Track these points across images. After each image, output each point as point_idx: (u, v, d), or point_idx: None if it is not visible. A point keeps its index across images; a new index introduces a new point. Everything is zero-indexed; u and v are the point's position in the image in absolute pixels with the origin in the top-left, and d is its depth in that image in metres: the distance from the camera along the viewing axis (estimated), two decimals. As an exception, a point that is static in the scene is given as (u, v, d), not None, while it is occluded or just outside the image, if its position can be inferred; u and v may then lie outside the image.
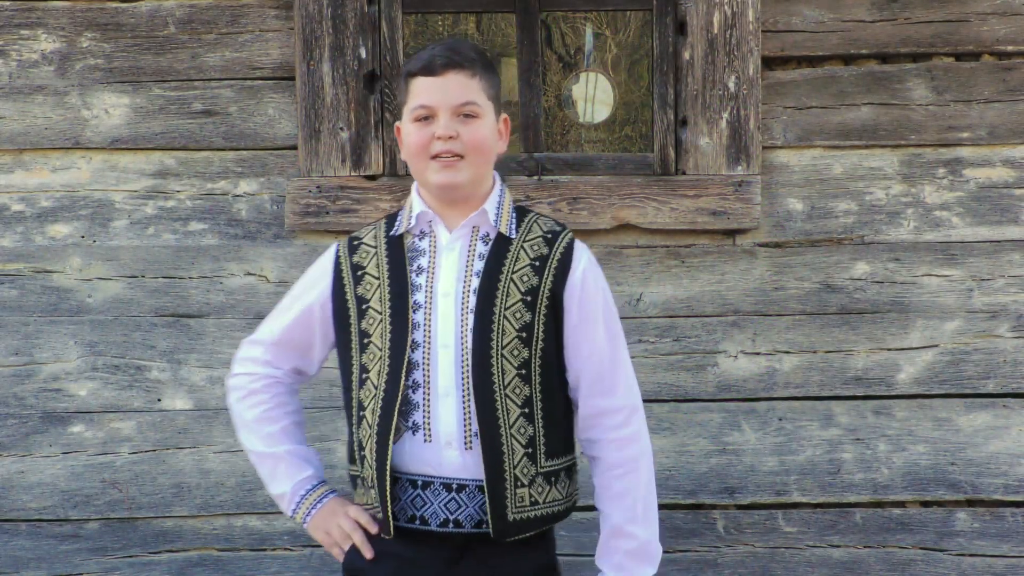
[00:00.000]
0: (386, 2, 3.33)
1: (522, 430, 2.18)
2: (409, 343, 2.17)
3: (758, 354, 3.36)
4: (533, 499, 2.20)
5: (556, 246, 2.24)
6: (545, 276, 2.21)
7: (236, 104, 3.36)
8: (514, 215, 2.27)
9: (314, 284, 2.32)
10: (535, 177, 3.35)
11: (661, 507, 3.37)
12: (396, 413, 2.16)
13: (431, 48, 2.22)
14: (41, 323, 3.38)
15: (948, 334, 3.36)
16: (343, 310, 2.26)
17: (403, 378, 2.17)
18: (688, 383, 3.36)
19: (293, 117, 3.34)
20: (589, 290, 2.24)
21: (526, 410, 2.19)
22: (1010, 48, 3.33)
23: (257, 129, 3.36)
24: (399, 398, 2.17)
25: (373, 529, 2.22)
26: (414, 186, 2.29)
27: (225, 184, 3.37)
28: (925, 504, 3.39)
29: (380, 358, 2.19)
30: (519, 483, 2.18)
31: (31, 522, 3.40)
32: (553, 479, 2.23)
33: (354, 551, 2.24)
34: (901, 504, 3.38)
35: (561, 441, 2.25)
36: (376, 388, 2.19)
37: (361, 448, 2.21)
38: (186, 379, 3.37)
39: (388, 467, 2.16)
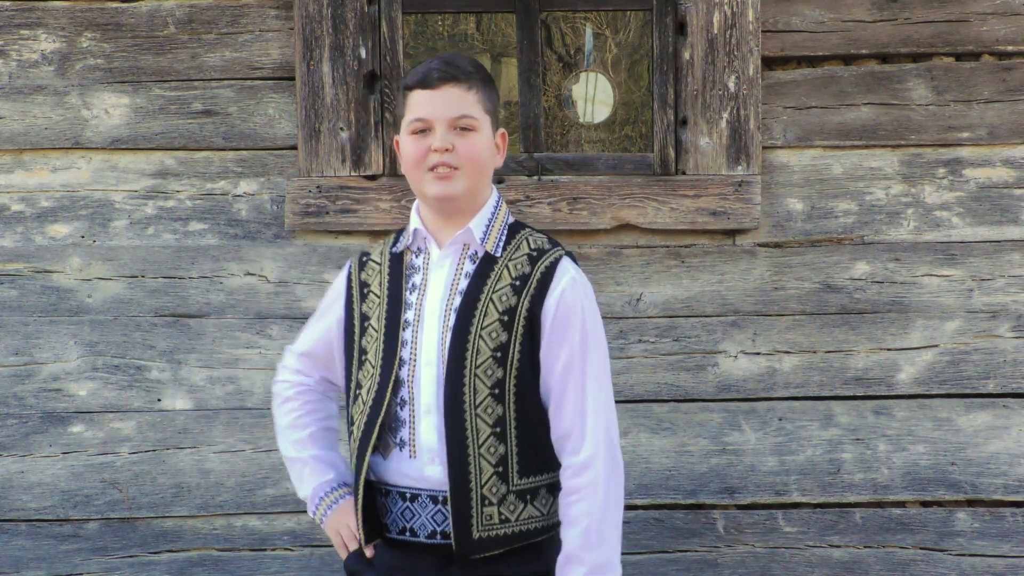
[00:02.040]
0: (386, 2, 3.33)
1: (492, 449, 2.19)
2: (397, 361, 2.22)
3: (758, 354, 3.36)
4: (504, 517, 2.20)
5: (538, 265, 2.22)
6: (523, 296, 2.20)
7: (236, 104, 3.36)
8: (505, 232, 2.27)
9: (333, 301, 2.38)
10: (535, 177, 3.35)
11: (661, 507, 3.38)
12: (376, 430, 2.22)
13: (429, 62, 2.24)
14: (41, 323, 3.38)
15: (948, 334, 3.36)
16: (351, 327, 2.32)
17: (388, 395, 2.22)
18: (688, 383, 3.36)
19: (293, 117, 3.34)
20: (565, 309, 2.20)
21: (497, 429, 2.19)
22: (1010, 48, 3.33)
23: (257, 129, 3.36)
24: (381, 415, 2.22)
25: (352, 545, 2.31)
26: (415, 202, 2.32)
27: (225, 184, 3.37)
28: (925, 504, 3.39)
29: (372, 375, 2.24)
30: (487, 501, 2.19)
31: (31, 522, 3.40)
32: (529, 497, 2.22)
33: (356, 553, 2.30)
34: (901, 504, 3.38)
35: (541, 460, 2.23)
36: (364, 404, 2.25)
37: (352, 458, 2.29)
38: (186, 379, 3.37)
39: (362, 481, 2.23)
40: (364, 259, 2.35)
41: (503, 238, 2.26)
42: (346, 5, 3.29)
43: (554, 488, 2.25)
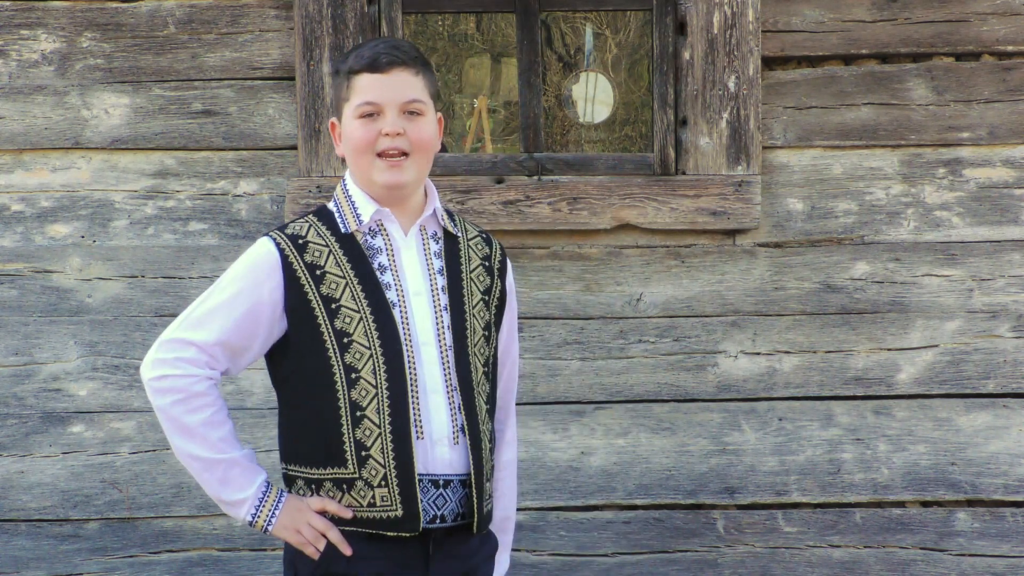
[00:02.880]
0: (386, 2, 3.33)
1: (487, 425, 2.25)
2: (402, 340, 2.18)
3: (758, 354, 3.36)
4: (490, 492, 2.28)
5: (494, 246, 2.35)
6: (495, 276, 2.31)
7: (236, 104, 3.36)
8: (446, 214, 2.31)
9: (257, 284, 2.19)
10: (535, 177, 3.35)
11: (661, 507, 3.38)
12: (411, 410, 2.16)
13: (372, 45, 2.22)
14: (41, 323, 3.38)
15: (948, 334, 3.36)
16: (305, 312, 2.19)
17: (407, 375, 2.17)
18: (688, 383, 3.36)
19: (293, 117, 3.34)
20: (511, 286, 2.39)
21: (489, 406, 2.27)
22: (1010, 48, 3.33)
23: (257, 129, 3.36)
24: (409, 395, 2.17)
25: (347, 514, 2.18)
26: (344, 184, 2.26)
27: (225, 184, 3.37)
28: (925, 504, 3.39)
29: (370, 357, 2.17)
30: (487, 477, 2.24)
31: (31, 522, 3.40)
32: (492, 473, 2.31)
33: (329, 551, 2.19)
34: (901, 504, 3.38)
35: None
36: (376, 387, 2.17)
37: (362, 448, 2.17)
38: (186, 379, 3.36)
39: (414, 465, 2.16)
40: (299, 241, 2.21)
41: (450, 219, 2.31)
42: (346, 5, 3.29)
43: None
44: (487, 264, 2.31)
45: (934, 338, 3.36)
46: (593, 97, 6.33)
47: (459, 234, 2.30)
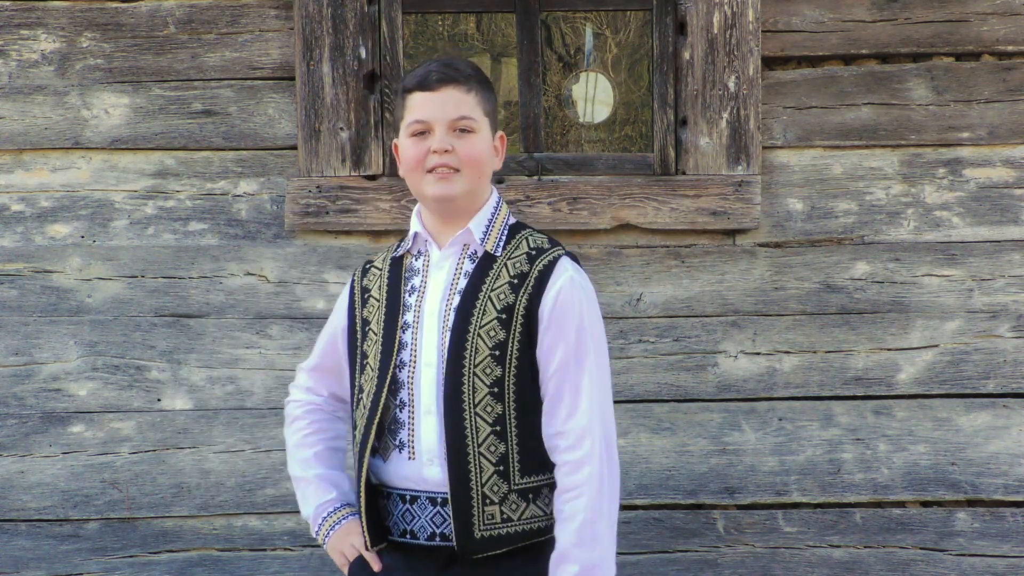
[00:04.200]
0: (386, 2, 3.33)
1: (492, 448, 2.19)
2: (395, 363, 2.22)
3: (758, 354, 3.36)
4: (506, 516, 2.19)
5: (537, 263, 2.22)
6: (521, 294, 2.20)
7: (236, 104, 3.36)
8: (505, 232, 2.27)
9: (338, 309, 2.39)
10: (535, 177, 3.35)
11: (661, 507, 3.38)
12: (375, 430, 2.23)
13: (428, 64, 2.25)
14: (41, 323, 3.38)
15: (948, 334, 3.36)
16: (354, 334, 2.33)
17: (385, 396, 2.22)
18: (688, 383, 3.36)
19: (293, 117, 3.34)
20: (562, 307, 2.19)
21: (497, 428, 2.19)
22: (1010, 48, 3.33)
23: (257, 129, 3.36)
24: (379, 416, 2.23)
25: (376, 566, 2.28)
26: (416, 206, 2.32)
27: (225, 184, 3.37)
28: (925, 504, 3.39)
29: (371, 378, 2.25)
30: (488, 500, 2.18)
31: (31, 522, 3.40)
32: (532, 496, 2.22)
33: (357, 565, 2.29)
34: (901, 504, 3.38)
35: (544, 458, 2.22)
36: (364, 407, 2.26)
37: (356, 464, 2.28)
38: (186, 379, 3.37)
39: (363, 482, 2.23)
40: (367, 266, 2.36)
41: (503, 238, 2.26)
42: (346, 5, 3.29)
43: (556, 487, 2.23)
44: (515, 283, 2.21)
45: (934, 338, 3.36)
46: (593, 97, 6.32)
47: (498, 253, 2.25)
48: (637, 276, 3.35)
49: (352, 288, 2.36)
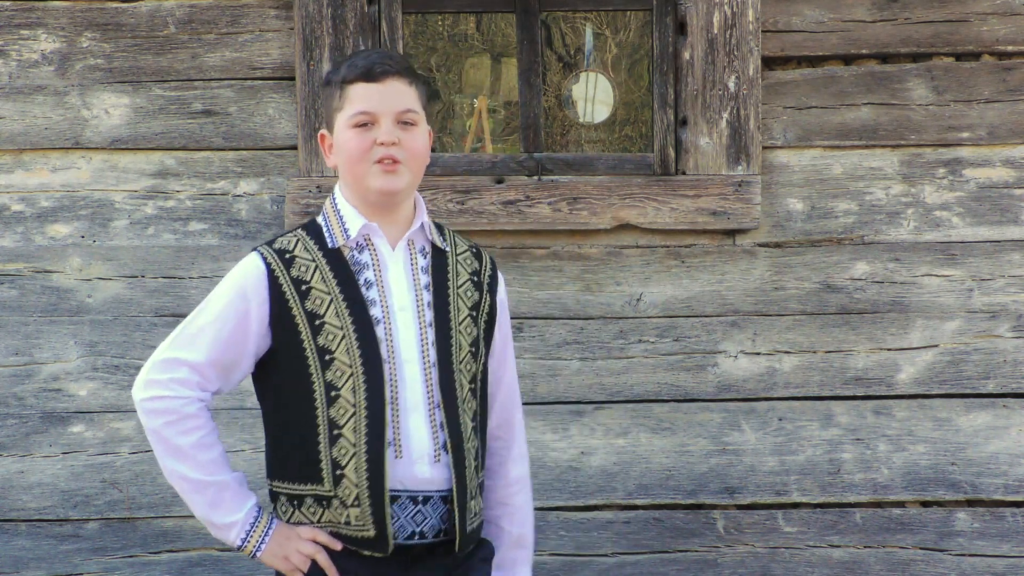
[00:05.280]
0: (386, 2, 3.33)
1: (472, 442, 2.23)
2: (381, 358, 2.17)
3: (758, 354, 3.36)
4: (477, 510, 2.26)
5: (484, 261, 2.33)
6: (484, 292, 2.29)
7: (236, 104, 3.36)
8: (434, 227, 2.30)
9: (244, 299, 2.19)
10: (535, 177, 3.35)
11: (661, 507, 3.38)
12: (386, 428, 2.16)
13: (364, 55, 2.23)
14: (41, 323, 3.38)
15: (948, 334, 3.36)
16: (289, 327, 2.19)
17: (386, 393, 2.16)
18: (688, 383, 3.36)
19: (293, 117, 3.34)
20: (504, 303, 2.36)
21: (474, 423, 2.24)
22: (1010, 48, 3.33)
23: (257, 129, 3.36)
24: (387, 414, 2.16)
25: (337, 546, 2.19)
26: (334, 198, 2.26)
27: (225, 184, 3.37)
28: (925, 504, 3.39)
29: (351, 375, 2.16)
30: (471, 495, 2.22)
31: (31, 522, 3.40)
32: (481, 489, 2.29)
33: (317, 571, 2.19)
34: (901, 504, 3.38)
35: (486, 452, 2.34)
36: (354, 406, 2.16)
37: (337, 467, 2.17)
38: (186, 379, 3.36)
39: (386, 484, 2.15)
40: (286, 255, 2.21)
41: (436, 232, 2.30)
42: (346, 5, 3.29)
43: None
44: (476, 279, 2.29)
45: (934, 338, 3.36)
46: (593, 97, 6.32)
47: (447, 248, 2.28)
48: (637, 276, 3.35)
49: (274, 279, 2.19)
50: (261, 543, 2.20)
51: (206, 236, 3.37)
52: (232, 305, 2.20)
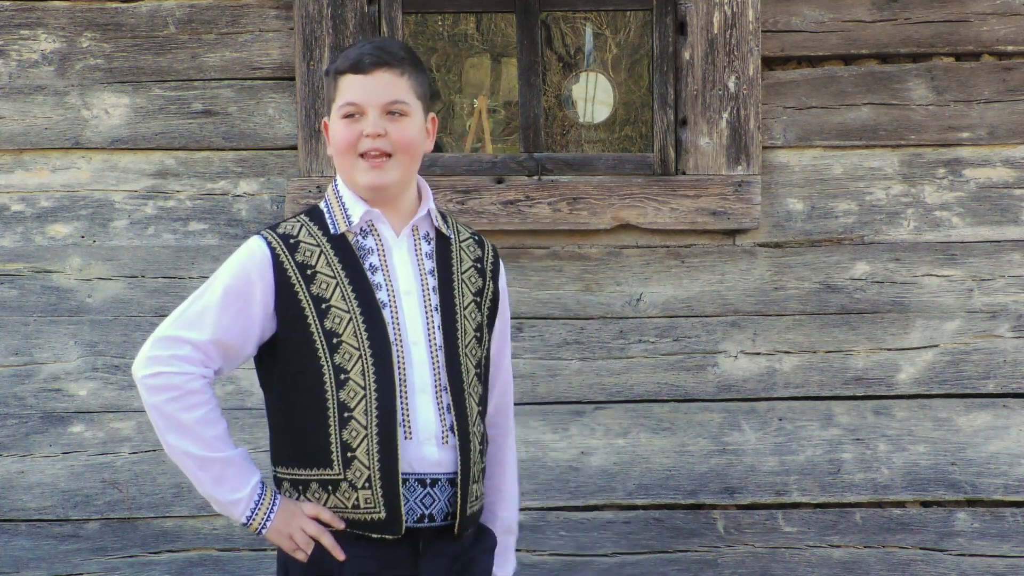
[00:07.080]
0: (386, 2, 3.33)
1: (478, 426, 2.25)
2: (391, 341, 2.18)
3: (758, 354, 3.36)
4: (479, 494, 2.27)
5: (486, 248, 2.36)
6: (487, 278, 2.32)
7: (236, 104, 3.36)
8: (439, 214, 2.32)
9: (250, 282, 2.19)
10: (535, 177, 3.35)
11: (661, 507, 3.38)
12: (398, 411, 2.16)
13: (360, 46, 2.23)
14: (41, 323, 3.38)
15: (948, 334, 3.36)
16: (295, 311, 2.19)
17: (395, 375, 2.17)
18: (688, 383, 3.36)
19: (293, 117, 3.34)
20: (505, 290, 2.40)
21: (480, 408, 2.27)
22: (1010, 48, 3.33)
23: (257, 129, 3.36)
24: (397, 396, 2.17)
25: (340, 525, 2.17)
26: (335, 185, 2.27)
27: (225, 184, 3.37)
28: (925, 504, 3.39)
29: (359, 358, 2.17)
30: (474, 478, 2.24)
31: (31, 522, 3.40)
32: (482, 474, 2.31)
33: (319, 553, 2.18)
34: (901, 504, 3.38)
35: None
36: (364, 388, 2.16)
37: (348, 450, 2.17)
38: (186, 379, 3.36)
39: (398, 465, 2.15)
40: (291, 241, 2.21)
41: (443, 220, 2.32)
42: (346, 5, 3.29)
43: None
44: (479, 266, 2.31)
45: (934, 338, 3.36)
46: (593, 97, 6.33)
47: (451, 235, 2.30)
48: (637, 276, 3.35)
49: (279, 263, 2.19)
50: (267, 519, 2.18)
51: (206, 236, 3.37)
52: (236, 288, 2.19)
